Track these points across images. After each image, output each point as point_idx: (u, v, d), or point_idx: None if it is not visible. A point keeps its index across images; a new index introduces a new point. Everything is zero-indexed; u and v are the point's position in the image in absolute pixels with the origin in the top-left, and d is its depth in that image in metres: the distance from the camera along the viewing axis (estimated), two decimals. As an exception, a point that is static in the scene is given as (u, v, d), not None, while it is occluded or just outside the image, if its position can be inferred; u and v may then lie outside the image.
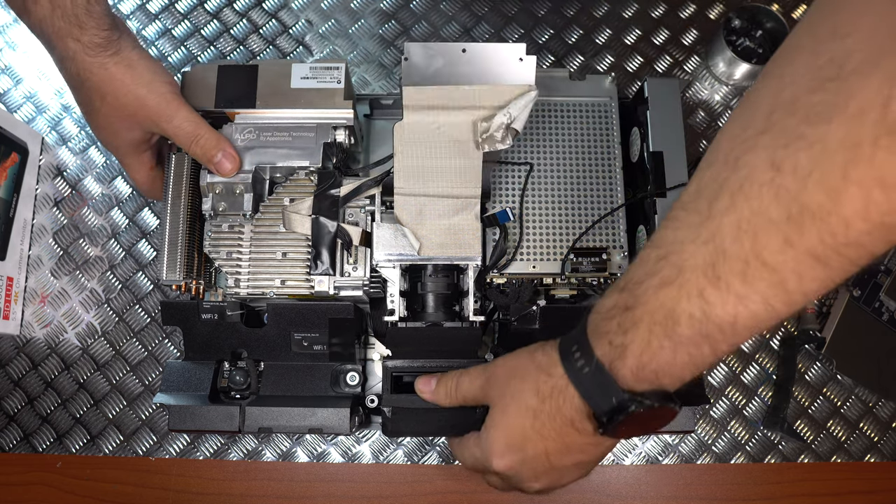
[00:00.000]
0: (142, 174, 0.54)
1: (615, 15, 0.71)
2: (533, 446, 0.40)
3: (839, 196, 0.28)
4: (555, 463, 0.41)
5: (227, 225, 0.53)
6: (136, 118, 0.49)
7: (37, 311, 0.63)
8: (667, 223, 0.35)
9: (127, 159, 0.53)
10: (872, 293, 0.61)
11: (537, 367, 0.40)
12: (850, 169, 0.27)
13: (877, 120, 0.26)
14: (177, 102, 0.50)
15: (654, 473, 0.60)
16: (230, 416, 0.49)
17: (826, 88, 0.28)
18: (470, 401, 0.46)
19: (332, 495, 0.59)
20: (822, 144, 0.28)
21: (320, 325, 0.51)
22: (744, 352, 0.62)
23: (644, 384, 0.36)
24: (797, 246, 0.29)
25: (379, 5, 0.71)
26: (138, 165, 0.53)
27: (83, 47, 0.46)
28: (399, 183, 0.50)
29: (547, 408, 0.39)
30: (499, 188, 0.56)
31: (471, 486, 0.59)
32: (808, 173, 0.28)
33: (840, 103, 0.28)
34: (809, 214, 0.29)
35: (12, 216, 0.62)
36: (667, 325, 0.34)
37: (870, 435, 0.60)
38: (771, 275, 0.31)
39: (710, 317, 0.33)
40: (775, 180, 0.30)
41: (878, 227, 0.28)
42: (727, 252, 0.32)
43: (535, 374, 0.40)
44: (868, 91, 0.27)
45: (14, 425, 0.60)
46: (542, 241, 0.55)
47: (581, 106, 0.58)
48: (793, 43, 0.32)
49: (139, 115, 0.49)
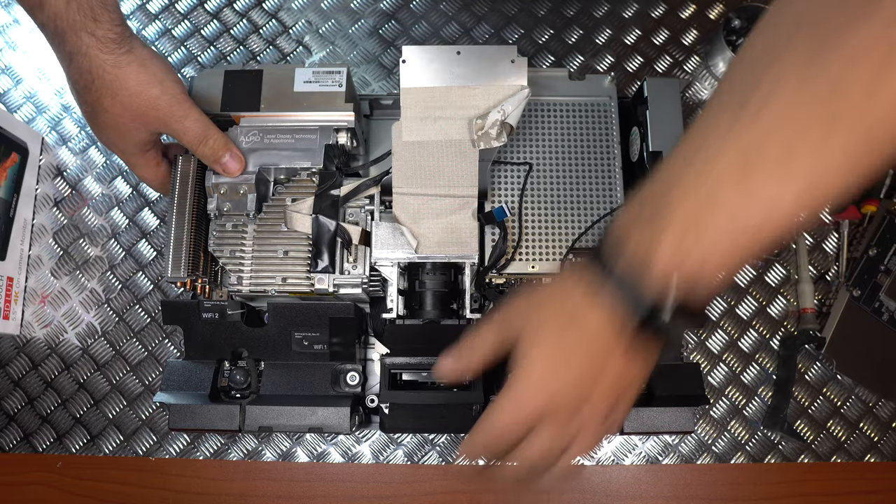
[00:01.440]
0: (150, 171, 0.54)
1: (615, 15, 0.71)
2: (576, 361, 0.37)
3: (872, 97, 0.29)
4: (602, 383, 0.38)
5: (231, 224, 0.53)
6: (145, 118, 0.49)
7: (37, 311, 0.63)
8: (691, 132, 0.35)
9: (133, 159, 0.53)
10: (872, 293, 0.61)
11: (560, 291, 0.39)
12: (884, 71, 0.28)
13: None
14: (188, 103, 0.50)
15: (654, 473, 0.60)
16: (230, 415, 0.49)
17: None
18: (493, 347, 0.41)
19: (332, 495, 0.59)
20: (854, 48, 0.29)
21: (321, 324, 0.51)
22: (744, 352, 0.62)
23: (673, 289, 0.35)
24: (830, 145, 0.30)
25: (379, 5, 0.71)
26: (145, 164, 0.53)
27: (97, 42, 0.46)
28: (397, 183, 0.51)
29: (578, 324, 0.37)
30: (498, 188, 0.56)
31: (471, 486, 0.59)
32: (840, 77, 0.29)
33: (871, 9, 0.28)
34: (842, 115, 0.29)
35: (12, 216, 0.62)
36: (698, 227, 0.33)
37: (870, 435, 0.60)
38: (803, 172, 0.31)
39: (742, 216, 0.32)
40: (807, 83, 0.30)
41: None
42: (760, 151, 0.32)
43: (560, 297, 0.39)
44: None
45: (14, 425, 0.60)
46: (542, 241, 0.55)
47: (581, 106, 0.59)
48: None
49: (149, 116, 0.49)
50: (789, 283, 0.64)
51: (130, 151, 0.52)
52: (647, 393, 0.53)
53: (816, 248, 0.64)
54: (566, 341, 0.38)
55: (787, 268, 0.64)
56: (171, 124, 0.49)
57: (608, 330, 0.37)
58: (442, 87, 0.49)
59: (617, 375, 0.39)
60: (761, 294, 0.63)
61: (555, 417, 0.38)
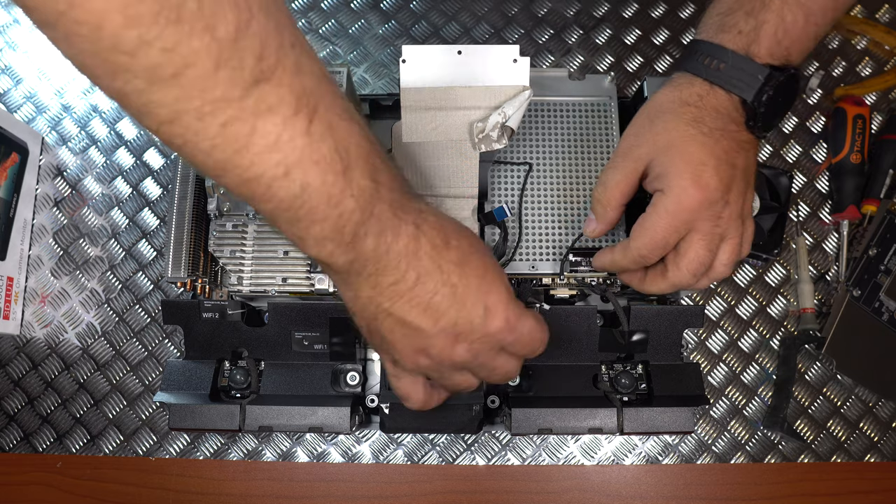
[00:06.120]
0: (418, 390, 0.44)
1: (615, 15, 0.71)
2: (717, 147, 0.41)
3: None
4: (737, 163, 0.42)
5: (231, 224, 0.53)
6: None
7: (37, 311, 0.63)
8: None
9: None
10: (872, 293, 0.61)
11: (673, 97, 0.44)
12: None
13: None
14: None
15: (654, 473, 0.60)
16: (230, 414, 0.49)
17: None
18: (625, 186, 0.45)
19: (332, 495, 0.59)
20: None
21: (321, 324, 0.51)
22: (744, 352, 0.62)
23: (778, 61, 0.42)
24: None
25: (379, 5, 0.71)
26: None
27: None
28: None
29: (706, 115, 0.42)
30: (498, 188, 0.56)
31: (471, 486, 0.59)
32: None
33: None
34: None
35: (12, 216, 0.62)
36: (792, 9, 0.41)
37: (870, 435, 0.60)
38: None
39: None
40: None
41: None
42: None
43: (676, 101, 0.43)
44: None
45: (14, 425, 0.60)
46: (542, 241, 0.55)
47: (581, 106, 0.59)
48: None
49: None
50: (789, 283, 0.64)
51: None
52: (648, 393, 0.53)
53: (816, 248, 0.64)
54: (700, 140, 0.42)
55: (787, 268, 0.64)
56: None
57: (731, 120, 0.42)
58: (442, 87, 0.49)
59: (743, 169, 0.43)
60: (761, 294, 0.63)
61: (707, 216, 0.42)
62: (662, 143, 0.43)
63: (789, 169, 0.66)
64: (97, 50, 0.26)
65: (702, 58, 0.43)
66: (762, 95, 0.41)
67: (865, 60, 0.69)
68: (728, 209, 0.42)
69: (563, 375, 0.53)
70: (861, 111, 0.64)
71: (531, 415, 0.50)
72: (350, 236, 0.33)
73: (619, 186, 0.45)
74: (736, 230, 0.43)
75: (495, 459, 0.60)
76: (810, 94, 0.68)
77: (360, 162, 0.33)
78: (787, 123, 0.68)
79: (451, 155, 0.50)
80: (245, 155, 0.30)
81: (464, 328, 0.37)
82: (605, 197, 0.46)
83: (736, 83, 0.41)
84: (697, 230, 0.42)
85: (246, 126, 0.29)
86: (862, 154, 0.63)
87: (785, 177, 0.63)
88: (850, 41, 0.69)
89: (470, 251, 0.38)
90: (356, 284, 0.36)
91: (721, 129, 0.42)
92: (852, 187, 0.63)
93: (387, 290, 0.36)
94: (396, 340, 0.38)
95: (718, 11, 0.44)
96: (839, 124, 0.64)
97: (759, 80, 0.41)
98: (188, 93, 0.28)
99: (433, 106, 0.49)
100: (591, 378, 0.53)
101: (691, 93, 0.43)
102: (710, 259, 0.43)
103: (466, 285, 0.37)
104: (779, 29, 0.41)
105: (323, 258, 0.35)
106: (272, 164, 0.30)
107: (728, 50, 0.42)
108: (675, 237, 0.43)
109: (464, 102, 0.49)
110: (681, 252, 0.43)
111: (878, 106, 0.67)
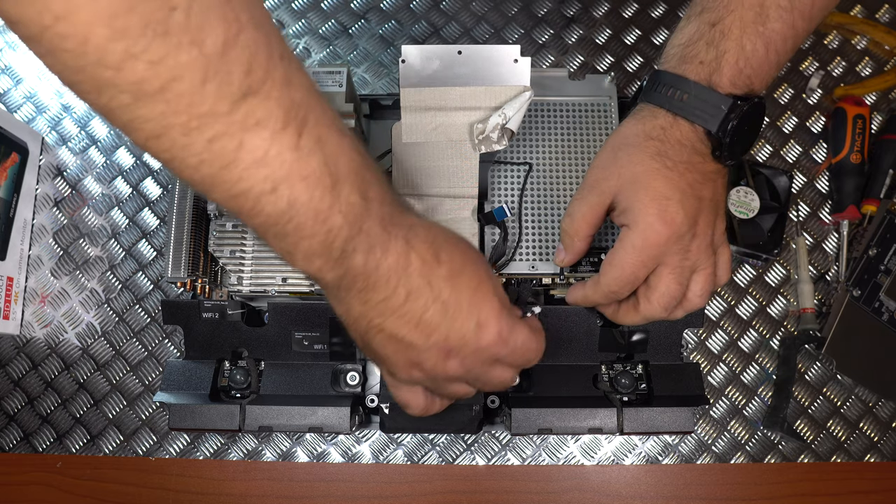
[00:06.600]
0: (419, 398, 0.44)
1: (615, 15, 0.71)
2: (681, 181, 0.41)
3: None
4: (703, 195, 0.42)
5: (231, 224, 0.53)
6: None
7: (37, 311, 0.63)
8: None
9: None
10: (872, 293, 0.61)
11: (637, 130, 0.43)
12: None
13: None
14: None
15: (654, 473, 0.60)
16: (230, 414, 0.49)
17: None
18: (591, 219, 0.45)
19: (332, 495, 0.59)
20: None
21: (321, 324, 0.51)
22: (744, 352, 0.62)
23: (741, 90, 0.41)
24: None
25: (379, 5, 0.71)
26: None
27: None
28: (397, 183, 0.51)
29: (669, 149, 0.42)
30: (498, 188, 0.56)
31: (471, 486, 0.59)
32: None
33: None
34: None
35: (12, 216, 0.62)
36: (757, 25, 0.40)
37: (870, 435, 0.60)
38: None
39: (795, 3, 0.40)
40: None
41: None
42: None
43: (640, 135, 0.43)
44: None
45: (14, 425, 0.60)
46: (542, 241, 0.55)
47: (581, 106, 0.59)
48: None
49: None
50: (789, 283, 0.64)
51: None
52: (647, 393, 0.53)
53: (816, 248, 0.64)
54: (664, 175, 0.41)
55: (787, 268, 0.64)
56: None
57: (695, 152, 0.42)
58: (442, 88, 0.49)
59: (710, 200, 0.43)
60: (761, 294, 0.63)
61: (675, 250, 0.42)
62: (627, 177, 0.42)
63: (789, 169, 0.66)
64: (83, 65, 0.26)
65: (664, 89, 0.42)
66: (727, 125, 0.40)
67: (865, 60, 0.69)
68: (696, 241, 0.42)
69: (562, 375, 0.53)
70: (861, 111, 0.64)
71: (531, 415, 0.50)
72: (338, 252, 0.33)
73: (585, 218, 0.45)
74: (707, 260, 0.43)
75: (495, 459, 0.60)
76: (810, 94, 0.68)
77: (350, 176, 0.32)
78: (787, 123, 0.68)
79: (451, 155, 0.50)
80: (233, 170, 0.30)
81: (455, 343, 0.37)
82: (571, 228, 0.46)
83: (699, 114, 0.41)
84: (666, 264, 0.42)
85: (233, 141, 0.29)
86: (862, 154, 0.63)
87: (785, 177, 0.63)
88: (850, 41, 0.69)
89: (462, 264, 0.37)
90: (347, 300, 0.36)
91: (685, 162, 0.42)
92: (852, 187, 0.63)
93: (377, 307, 0.35)
94: (389, 355, 0.38)
95: (679, 42, 0.43)
96: (839, 124, 0.64)
97: (722, 111, 0.40)
98: (175, 108, 0.27)
99: (433, 106, 0.49)
100: (591, 378, 0.53)
101: (654, 125, 0.43)
102: (681, 292, 0.43)
103: (458, 300, 0.36)
104: (740, 58, 0.41)
105: (312, 273, 0.34)
106: (259, 179, 0.30)
107: (690, 81, 0.41)
108: (643, 272, 0.42)
109: (464, 103, 0.49)
110: (651, 286, 0.43)
111: (878, 106, 0.67)
